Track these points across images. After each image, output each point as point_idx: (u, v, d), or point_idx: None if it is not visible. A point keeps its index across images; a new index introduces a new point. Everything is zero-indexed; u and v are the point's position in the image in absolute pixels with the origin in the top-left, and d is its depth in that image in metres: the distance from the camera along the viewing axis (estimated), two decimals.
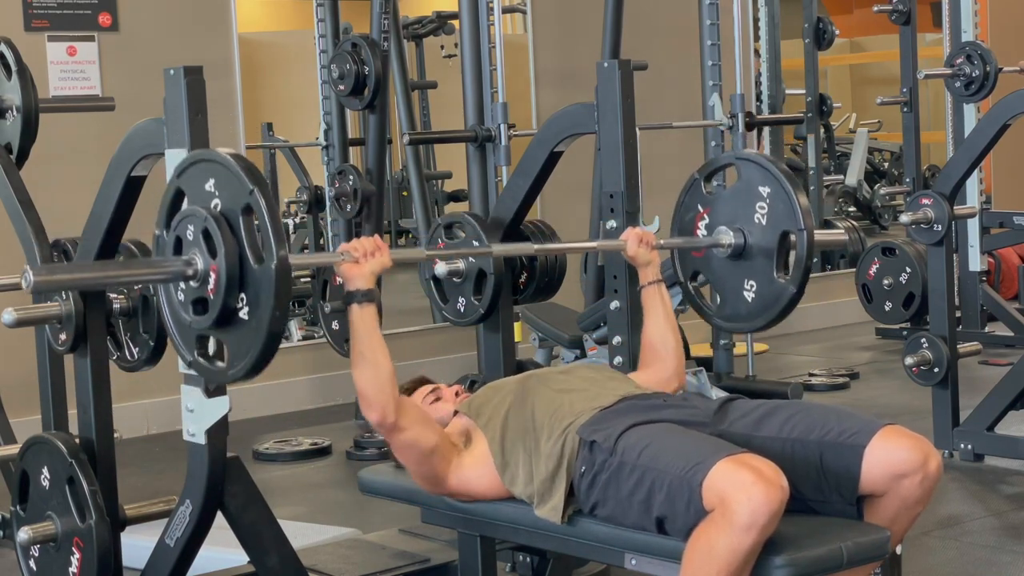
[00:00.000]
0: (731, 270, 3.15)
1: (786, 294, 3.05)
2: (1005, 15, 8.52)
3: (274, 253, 2.33)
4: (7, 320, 3.10)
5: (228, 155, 2.41)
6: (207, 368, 2.51)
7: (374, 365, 2.71)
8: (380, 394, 2.71)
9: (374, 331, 2.72)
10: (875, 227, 10.15)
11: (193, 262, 2.42)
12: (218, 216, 2.39)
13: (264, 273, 2.35)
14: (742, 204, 3.11)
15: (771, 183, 3.05)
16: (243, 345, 2.40)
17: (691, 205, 3.22)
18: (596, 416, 2.74)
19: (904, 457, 2.61)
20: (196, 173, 2.47)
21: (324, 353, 5.79)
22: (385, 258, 2.76)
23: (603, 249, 3.17)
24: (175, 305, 2.50)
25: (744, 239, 3.11)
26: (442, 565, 3.38)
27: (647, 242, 3.14)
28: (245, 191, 2.36)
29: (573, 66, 6.77)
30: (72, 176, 5.35)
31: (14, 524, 3.09)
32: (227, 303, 2.39)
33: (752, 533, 2.40)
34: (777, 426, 2.71)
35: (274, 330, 2.35)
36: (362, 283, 2.72)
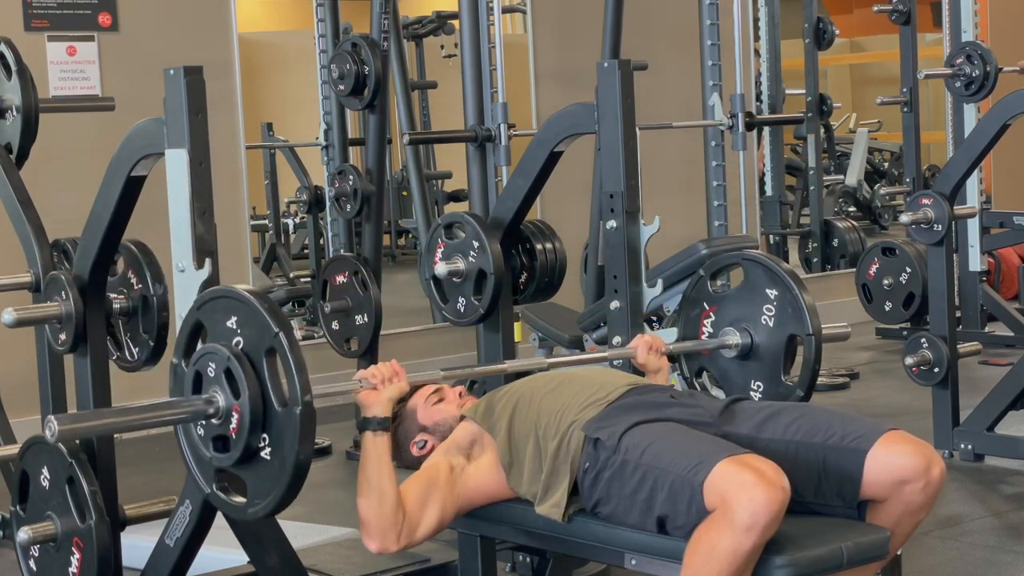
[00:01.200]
0: (737, 370, 3.19)
1: (793, 398, 3.08)
2: (1005, 15, 8.52)
3: (299, 399, 2.34)
4: (7, 320, 3.11)
5: (251, 295, 2.41)
6: (227, 504, 2.51)
7: (380, 494, 2.71)
8: (382, 523, 2.72)
9: (385, 460, 2.72)
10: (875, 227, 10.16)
11: (214, 400, 2.42)
12: (240, 355, 2.39)
13: (288, 417, 2.36)
14: (748, 304, 3.16)
15: (778, 286, 3.08)
16: (265, 484, 2.41)
17: (697, 301, 3.26)
18: (602, 412, 2.74)
19: (907, 463, 2.60)
20: (217, 308, 2.47)
21: (324, 353, 5.78)
22: (403, 383, 2.78)
23: (613, 358, 3.19)
24: (194, 440, 2.50)
25: (751, 340, 3.15)
26: (442, 565, 3.38)
27: (656, 349, 3.15)
28: (270, 334, 2.36)
29: (573, 66, 6.76)
30: (72, 176, 5.34)
31: (14, 524, 3.08)
32: (250, 443, 2.39)
33: (753, 534, 2.40)
34: (781, 428, 2.71)
35: (299, 471, 2.36)
36: (379, 411, 2.74)
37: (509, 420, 2.85)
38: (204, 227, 2.69)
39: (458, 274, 3.46)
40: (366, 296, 4.99)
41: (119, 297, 3.12)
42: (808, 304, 3.05)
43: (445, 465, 2.85)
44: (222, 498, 2.52)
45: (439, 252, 3.49)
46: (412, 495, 2.78)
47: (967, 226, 6.62)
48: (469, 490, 2.85)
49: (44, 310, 3.08)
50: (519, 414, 2.84)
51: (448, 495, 2.82)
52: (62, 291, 3.04)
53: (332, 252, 6.30)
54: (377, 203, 5.25)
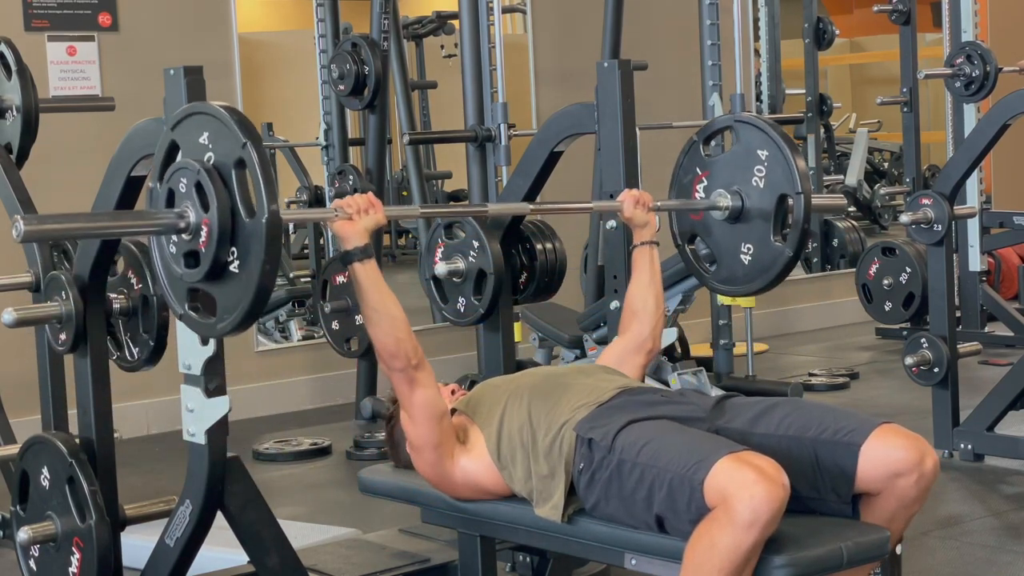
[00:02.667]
0: (728, 233, 3.14)
1: (782, 257, 3.05)
2: (1005, 15, 8.52)
3: (265, 207, 2.32)
4: (7, 320, 3.11)
5: (222, 108, 2.40)
6: (197, 321, 2.50)
7: (389, 316, 2.71)
8: (401, 343, 2.71)
9: (380, 283, 2.71)
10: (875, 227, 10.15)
11: (185, 215, 2.41)
12: (211, 169, 2.38)
13: (255, 227, 2.34)
14: (740, 167, 3.11)
15: (769, 146, 3.05)
16: (233, 298, 2.40)
17: (689, 168, 3.22)
18: (593, 412, 2.74)
19: (900, 456, 2.60)
20: (191, 126, 2.45)
21: (324, 353, 5.79)
22: (379, 214, 2.74)
23: (600, 210, 3.15)
24: (167, 258, 2.49)
25: (742, 202, 3.11)
26: (442, 565, 3.38)
27: (644, 203, 3.12)
28: (238, 144, 2.35)
29: (573, 66, 6.77)
30: (72, 176, 5.35)
31: (14, 524, 3.09)
32: (218, 256, 2.38)
33: (754, 531, 2.40)
34: (774, 423, 2.71)
35: (264, 284, 2.34)
36: (358, 240, 2.71)
37: (500, 416, 2.84)
38: None
39: (458, 274, 3.46)
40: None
41: (119, 297, 3.12)
42: (799, 165, 3.01)
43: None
44: (194, 318, 2.50)
45: (439, 252, 3.50)
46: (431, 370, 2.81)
47: (967, 226, 6.63)
48: (467, 463, 2.85)
49: (44, 310, 3.09)
50: (509, 412, 2.84)
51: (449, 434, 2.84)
52: (62, 291, 3.04)
53: (332, 252, 6.31)
54: None
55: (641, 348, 3.07)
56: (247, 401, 5.78)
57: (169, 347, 3.01)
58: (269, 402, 5.99)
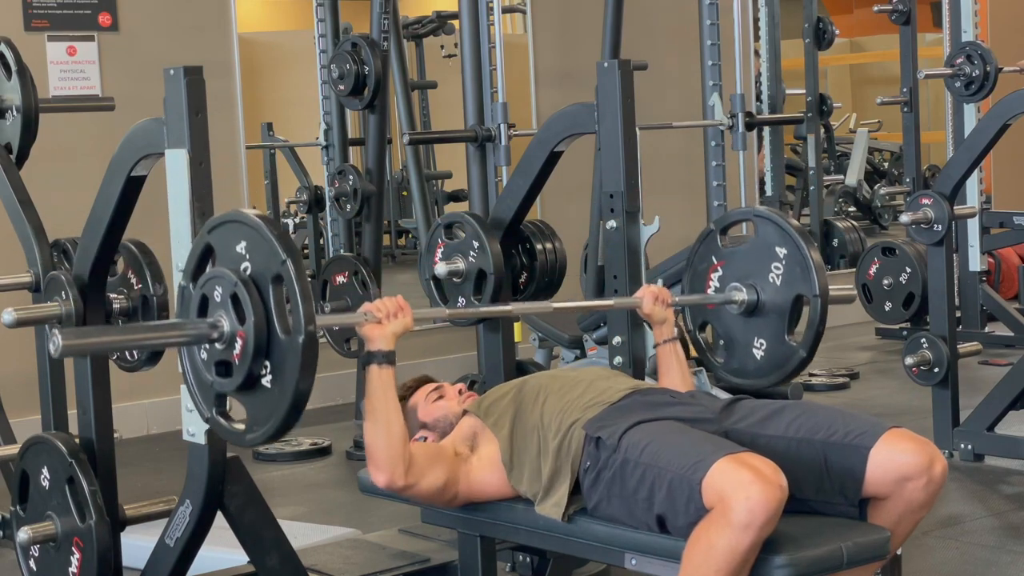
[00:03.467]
0: (741, 326, 3.17)
1: (796, 357, 3.07)
2: (1005, 15, 8.52)
3: (302, 327, 2.32)
4: (7, 320, 3.11)
5: (261, 220, 2.39)
6: (226, 429, 2.50)
7: (387, 427, 2.71)
8: (391, 456, 2.72)
9: (391, 393, 2.71)
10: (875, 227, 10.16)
11: (219, 325, 2.41)
12: (247, 281, 2.38)
13: (291, 345, 2.33)
14: (757, 261, 3.13)
15: (788, 244, 3.06)
16: (264, 411, 2.40)
17: (705, 256, 3.24)
18: (603, 412, 2.75)
19: (909, 460, 2.60)
20: (227, 232, 2.45)
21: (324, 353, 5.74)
22: (408, 319, 2.75)
23: (619, 307, 3.17)
24: (197, 363, 2.49)
25: (757, 296, 3.13)
26: (442, 565, 3.38)
27: (663, 300, 3.13)
28: (278, 260, 2.35)
29: (573, 66, 6.76)
30: (72, 176, 5.35)
31: (14, 524, 3.09)
32: (252, 370, 2.38)
33: (751, 532, 2.40)
34: (783, 426, 2.71)
35: (298, 400, 2.34)
36: (383, 344, 2.72)
37: (512, 419, 2.85)
38: None
39: (458, 274, 3.45)
40: (366, 296, 4.99)
41: (119, 297, 3.12)
42: (817, 264, 3.03)
43: (450, 447, 2.87)
44: (222, 423, 2.49)
45: (439, 252, 3.49)
46: (420, 452, 2.79)
47: (967, 226, 6.62)
48: (472, 480, 2.85)
49: (44, 310, 3.08)
50: (521, 413, 2.84)
51: (454, 471, 2.82)
52: (62, 291, 3.04)
53: (332, 252, 6.30)
54: (377, 203, 5.26)
55: None
56: None
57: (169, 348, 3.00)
58: None
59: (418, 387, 3.09)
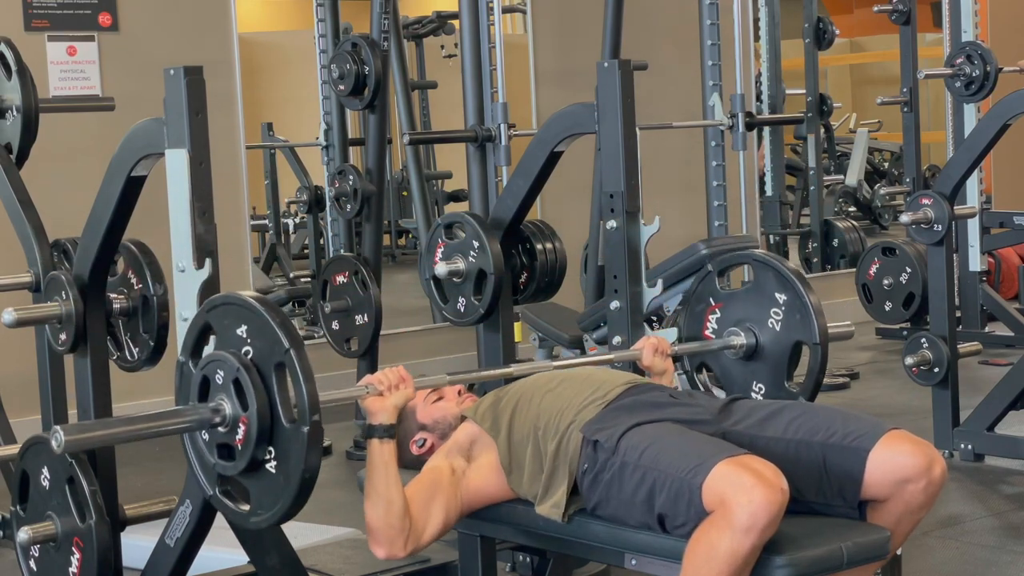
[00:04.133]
0: (740, 370, 3.18)
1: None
2: (1005, 15, 8.52)
3: (307, 417, 2.32)
4: (7, 320, 3.11)
5: (264, 308, 2.39)
6: (230, 509, 2.50)
7: (387, 502, 2.71)
8: (389, 530, 2.71)
9: (391, 468, 2.72)
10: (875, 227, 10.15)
11: (221, 409, 2.41)
12: (250, 366, 2.37)
13: (295, 433, 2.34)
14: (755, 305, 3.14)
15: (788, 291, 3.07)
16: (269, 495, 2.41)
17: (703, 297, 3.25)
18: (600, 413, 2.74)
19: (908, 463, 2.60)
20: (227, 314, 2.45)
21: (324, 353, 5.78)
22: (409, 390, 2.76)
23: (619, 360, 3.17)
24: (199, 445, 2.49)
25: (756, 340, 3.14)
26: (442, 565, 3.38)
27: (662, 351, 3.12)
28: (281, 349, 2.35)
29: (573, 66, 6.76)
30: (72, 176, 5.35)
31: (14, 524, 3.08)
32: (255, 455, 2.39)
33: (752, 535, 2.40)
34: (782, 427, 2.70)
35: (304, 490, 2.36)
36: (385, 418, 2.73)
37: (509, 421, 2.84)
38: (204, 227, 2.69)
39: (458, 274, 3.45)
40: (366, 296, 4.99)
41: (119, 297, 3.12)
42: (816, 310, 3.04)
43: (447, 467, 2.85)
44: (226, 503, 2.51)
45: (439, 252, 3.49)
46: (417, 499, 2.77)
47: (967, 226, 6.62)
48: (471, 493, 2.84)
49: (44, 310, 3.08)
50: (519, 415, 2.84)
51: (452, 497, 2.81)
52: (62, 291, 3.04)
53: (332, 252, 6.31)
54: (377, 203, 5.26)
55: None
56: None
57: (169, 347, 3.00)
58: None
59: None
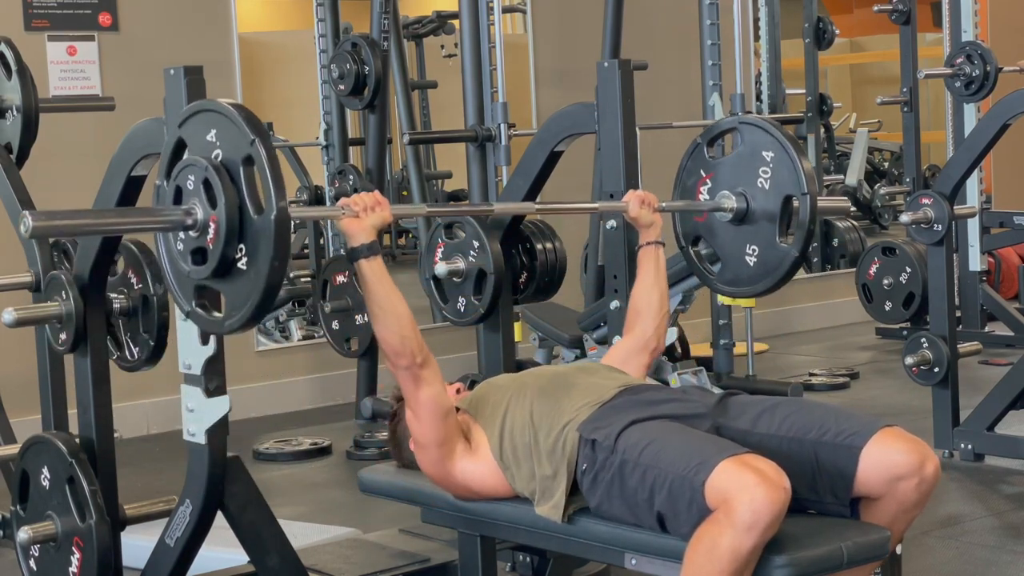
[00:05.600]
0: (733, 235, 3.14)
1: (788, 258, 3.05)
2: (1005, 15, 8.52)
3: (274, 204, 2.31)
4: (7, 320, 3.11)
5: (230, 105, 2.39)
6: (204, 318, 2.50)
7: (394, 313, 2.70)
8: (407, 341, 2.70)
9: (386, 280, 2.71)
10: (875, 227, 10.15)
11: (193, 212, 2.41)
12: (219, 166, 2.38)
13: (264, 224, 2.33)
14: (745, 169, 3.11)
15: (774, 147, 3.04)
16: (241, 296, 2.39)
17: (694, 170, 3.21)
18: (596, 413, 2.74)
19: (901, 460, 2.60)
20: (198, 123, 2.45)
21: (324, 353, 5.79)
22: (385, 212, 2.74)
23: (605, 211, 3.14)
24: (174, 255, 2.48)
25: (747, 203, 3.11)
26: (442, 565, 3.38)
27: (649, 203, 3.12)
28: (246, 141, 2.35)
29: (573, 66, 6.76)
30: (72, 176, 5.35)
31: (14, 524, 3.09)
32: (226, 253, 2.38)
33: (754, 534, 2.40)
34: (775, 423, 2.70)
35: (272, 281, 2.34)
36: (364, 237, 2.71)
37: (502, 416, 2.84)
38: None
39: (458, 274, 3.46)
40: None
41: (119, 297, 3.12)
42: (804, 166, 3.01)
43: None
44: (201, 314, 2.49)
45: (439, 252, 3.50)
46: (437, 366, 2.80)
47: (967, 226, 6.63)
48: (469, 463, 2.84)
49: (44, 310, 3.09)
50: (511, 412, 2.83)
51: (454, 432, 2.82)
52: (62, 291, 3.04)
53: (332, 252, 6.30)
54: None
55: (645, 347, 3.07)
56: (247, 401, 5.78)
57: (169, 347, 3.01)
58: (269, 402, 5.99)
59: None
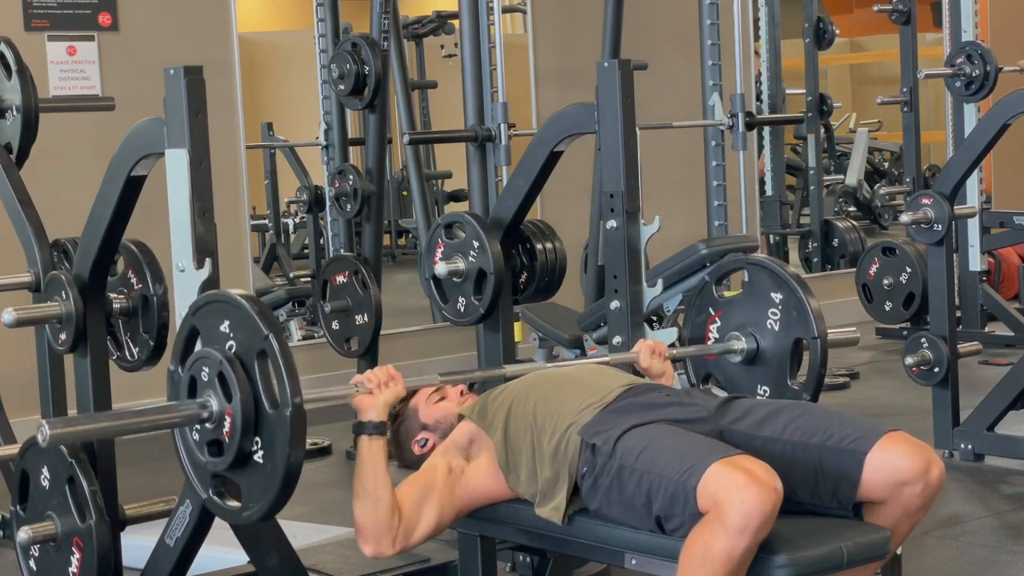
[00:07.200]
0: (744, 375, 3.19)
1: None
2: (1005, 15, 8.52)
3: (289, 400, 2.34)
4: (7, 320, 3.11)
5: (242, 298, 2.42)
6: (222, 508, 2.53)
7: (375, 500, 2.70)
8: (377, 528, 2.71)
9: (380, 465, 2.71)
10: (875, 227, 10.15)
11: (208, 405, 2.43)
12: (233, 359, 2.40)
13: (279, 418, 2.36)
14: (754, 309, 3.15)
15: (783, 289, 3.08)
16: (258, 488, 2.42)
17: (702, 308, 3.26)
18: (598, 416, 2.74)
19: (906, 465, 2.59)
20: (211, 313, 2.48)
21: (324, 353, 5.78)
22: (399, 387, 2.76)
23: (616, 362, 3.16)
24: (190, 445, 2.51)
25: (756, 344, 3.15)
26: (442, 565, 3.38)
27: (660, 353, 3.12)
28: (260, 336, 2.37)
29: (573, 66, 6.76)
30: (72, 176, 5.35)
31: (14, 524, 3.08)
32: (243, 446, 2.40)
33: (746, 535, 2.40)
34: (779, 427, 2.70)
35: (290, 473, 2.36)
36: (374, 415, 2.73)
37: (505, 421, 2.84)
38: (204, 227, 2.69)
39: (458, 274, 3.45)
40: (366, 296, 4.99)
41: (119, 297, 3.12)
42: (813, 308, 3.05)
43: (443, 466, 2.85)
44: (218, 503, 2.53)
45: (439, 252, 3.50)
46: (409, 498, 2.77)
47: (967, 226, 6.62)
48: (469, 491, 2.84)
49: (44, 310, 3.08)
50: (514, 415, 2.84)
51: (446, 496, 2.81)
52: (62, 291, 3.04)
53: (332, 252, 6.30)
54: (377, 203, 5.25)
55: None
56: None
57: (169, 347, 3.00)
58: None
59: (420, 387, 3.09)
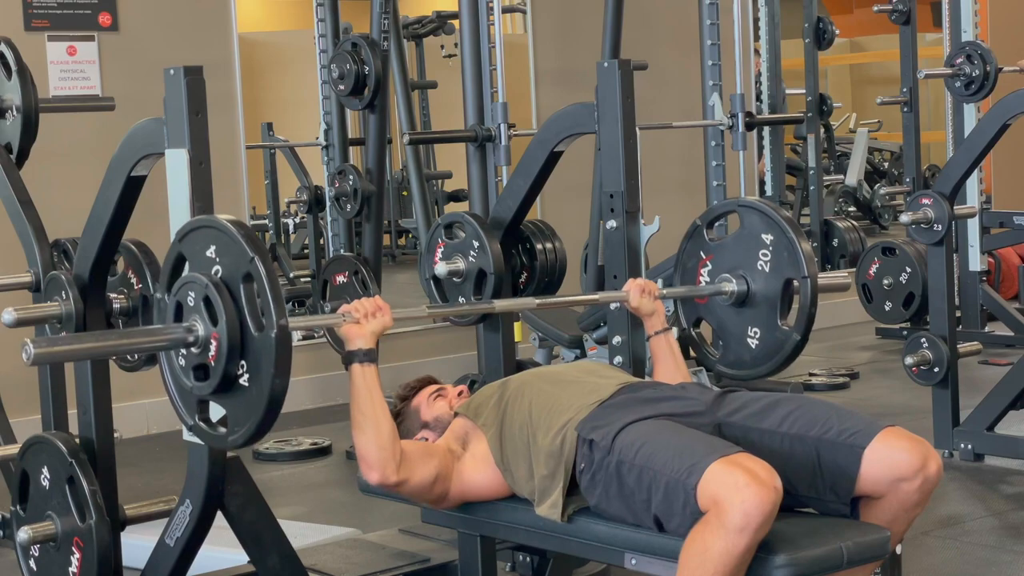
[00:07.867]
0: (734, 317, 3.17)
1: (790, 342, 3.07)
2: (1005, 15, 8.52)
3: (274, 321, 2.33)
4: (7, 320, 3.11)
5: (229, 222, 2.42)
6: (208, 434, 2.52)
7: (375, 426, 2.70)
8: (381, 454, 2.70)
9: (375, 390, 2.71)
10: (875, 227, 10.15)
11: (194, 329, 2.43)
12: (219, 283, 2.40)
13: (264, 341, 2.35)
14: (745, 251, 3.14)
15: (774, 230, 3.08)
16: (244, 412, 2.41)
17: (693, 252, 3.25)
18: (594, 412, 2.74)
19: (904, 460, 2.60)
20: (197, 239, 2.47)
21: (324, 353, 5.78)
22: (386, 318, 2.75)
23: (605, 301, 3.17)
24: (176, 370, 2.50)
25: (747, 286, 3.14)
26: (442, 565, 3.38)
27: (649, 292, 3.12)
28: (245, 259, 2.37)
29: (573, 66, 6.76)
30: (72, 176, 5.35)
31: (14, 524, 3.09)
32: (228, 370, 2.40)
33: (746, 535, 2.40)
34: (777, 421, 2.71)
35: (275, 397, 2.36)
36: (363, 343, 2.72)
37: (500, 417, 2.84)
38: None
39: (458, 274, 3.45)
40: (366, 296, 4.99)
41: (119, 297, 3.12)
42: (804, 249, 3.03)
43: (443, 444, 2.88)
44: (205, 429, 2.51)
45: (439, 252, 3.49)
46: (410, 447, 2.78)
47: (967, 226, 6.62)
48: (464, 479, 2.85)
49: (44, 310, 3.08)
50: (509, 412, 2.84)
51: (445, 463, 2.82)
52: (62, 291, 3.05)
53: (332, 252, 6.30)
54: (377, 203, 5.26)
55: None
56: None
57: None
58: None
59: (421, 387, 3.10)
